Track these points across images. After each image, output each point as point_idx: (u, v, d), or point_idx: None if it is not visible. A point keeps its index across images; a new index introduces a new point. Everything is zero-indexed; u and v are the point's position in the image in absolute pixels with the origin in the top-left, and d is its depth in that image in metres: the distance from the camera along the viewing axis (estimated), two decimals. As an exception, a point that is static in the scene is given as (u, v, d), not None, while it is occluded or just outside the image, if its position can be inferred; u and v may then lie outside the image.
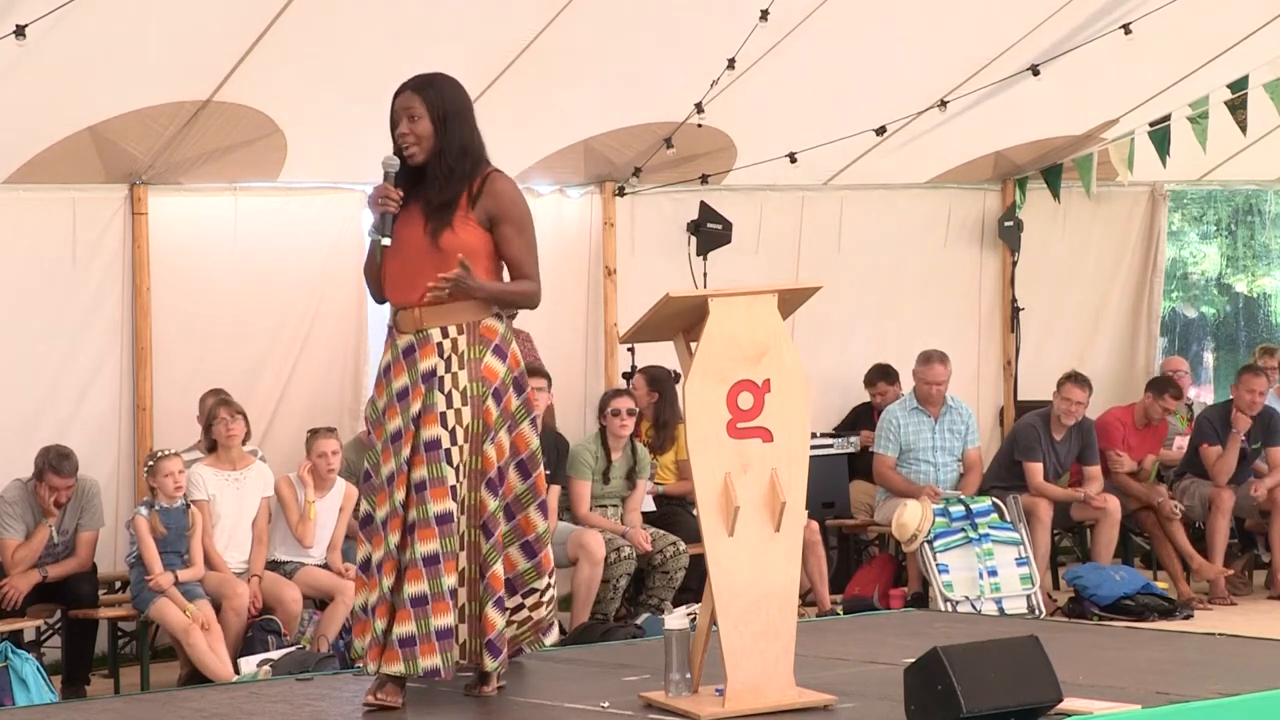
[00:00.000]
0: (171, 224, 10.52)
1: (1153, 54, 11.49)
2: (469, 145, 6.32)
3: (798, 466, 6.18)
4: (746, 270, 11.81)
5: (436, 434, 6.22)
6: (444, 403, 6.23)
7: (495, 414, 6.30)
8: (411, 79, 6.38)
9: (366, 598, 6.36)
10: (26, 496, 9.61)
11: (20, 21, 8.43)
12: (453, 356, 6.26)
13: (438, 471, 6.21)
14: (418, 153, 6.29)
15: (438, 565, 6.18)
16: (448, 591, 6.19)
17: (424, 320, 6.29)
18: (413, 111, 6.28)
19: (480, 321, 6.33)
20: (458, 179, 6.28)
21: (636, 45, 10.49)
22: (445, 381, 6.24)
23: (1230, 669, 6.80)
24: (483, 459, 6.28)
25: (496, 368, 6.33)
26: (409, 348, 6.30)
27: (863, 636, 7.96)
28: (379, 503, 6.32)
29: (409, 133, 6.28)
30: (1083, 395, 11.74)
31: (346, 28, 9.61)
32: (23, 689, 8.91)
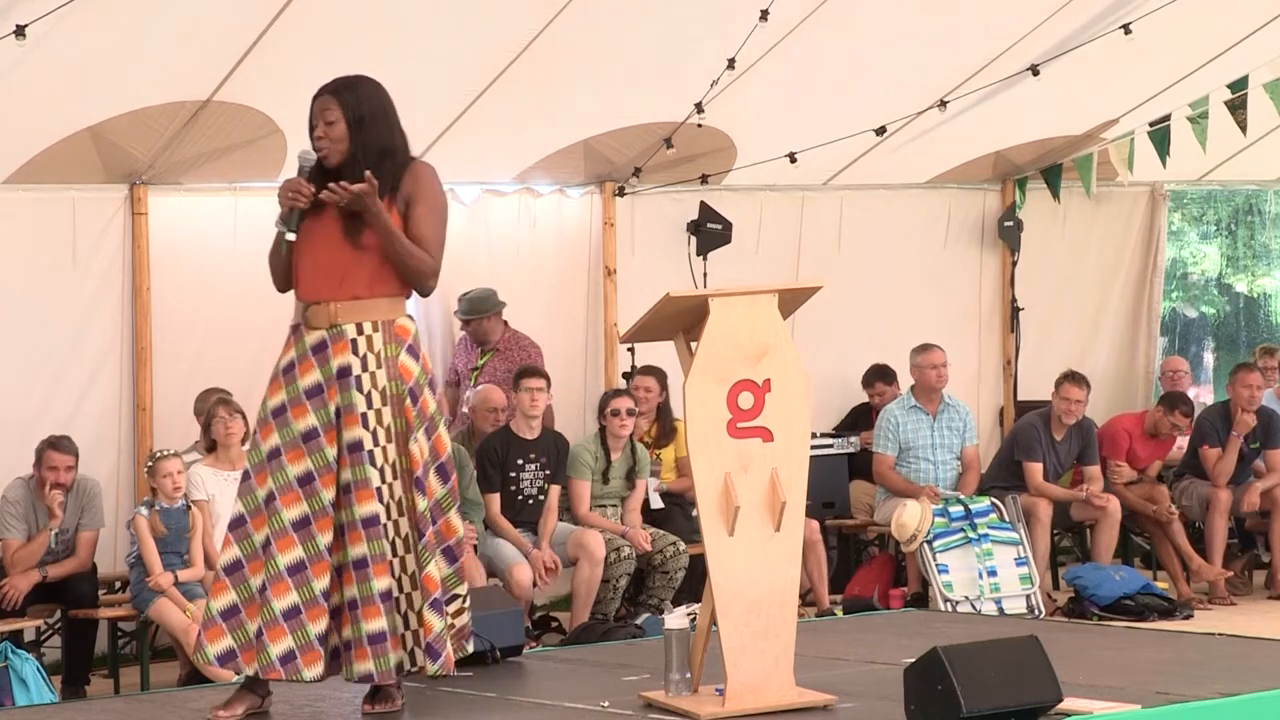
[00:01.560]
0: (171, 224, 10.52)
1: (1153, 54, 11.49)
2: (389, 147, 6.27)
3: (798, 466, 6.18)
4: (746, 270, 11.81)
5: (358, 435, 6.13)
6: (364, 403, 6.14)
7: (414, 413, 6.21)
8: (329, 82, 6.34)
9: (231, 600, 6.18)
10: (28, 496, 9.61)
11: (20, 21, 8.43)
12: (369, 355, 6.18)
13: (362, 474, 6.12)
14: (332, 155, 6.24)
15: (367, 569, 6.10)
16: (378, 595, 6.10)
17: (339, 315, 6.20)
18: (328, 115, 6.24)
19: (394, 320, 6.24)
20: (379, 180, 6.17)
21: (636, 45, 10.49)
22: (364, 381, 6.16)
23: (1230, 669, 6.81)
24: (409, 458, 6.19)
25: (411, 367, 6.23)
26: (320, 344, 6.22)
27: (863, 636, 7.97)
28: (285, 504, 6.15)
29: (324, 136, 6.23)
30: (1081, 394, 11.73)
31: (347, 28, 9.60)
32: (23, 689, 8.91)
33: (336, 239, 6.20)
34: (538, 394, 10.57)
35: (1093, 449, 11.89)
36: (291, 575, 6.12)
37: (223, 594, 6.20)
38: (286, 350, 6.33)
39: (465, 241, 11.40)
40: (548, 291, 11.77)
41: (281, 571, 6.13)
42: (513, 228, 11.63)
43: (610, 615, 10.41)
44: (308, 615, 6.13)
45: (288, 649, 6.14)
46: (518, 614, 7.79)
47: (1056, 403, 11.78)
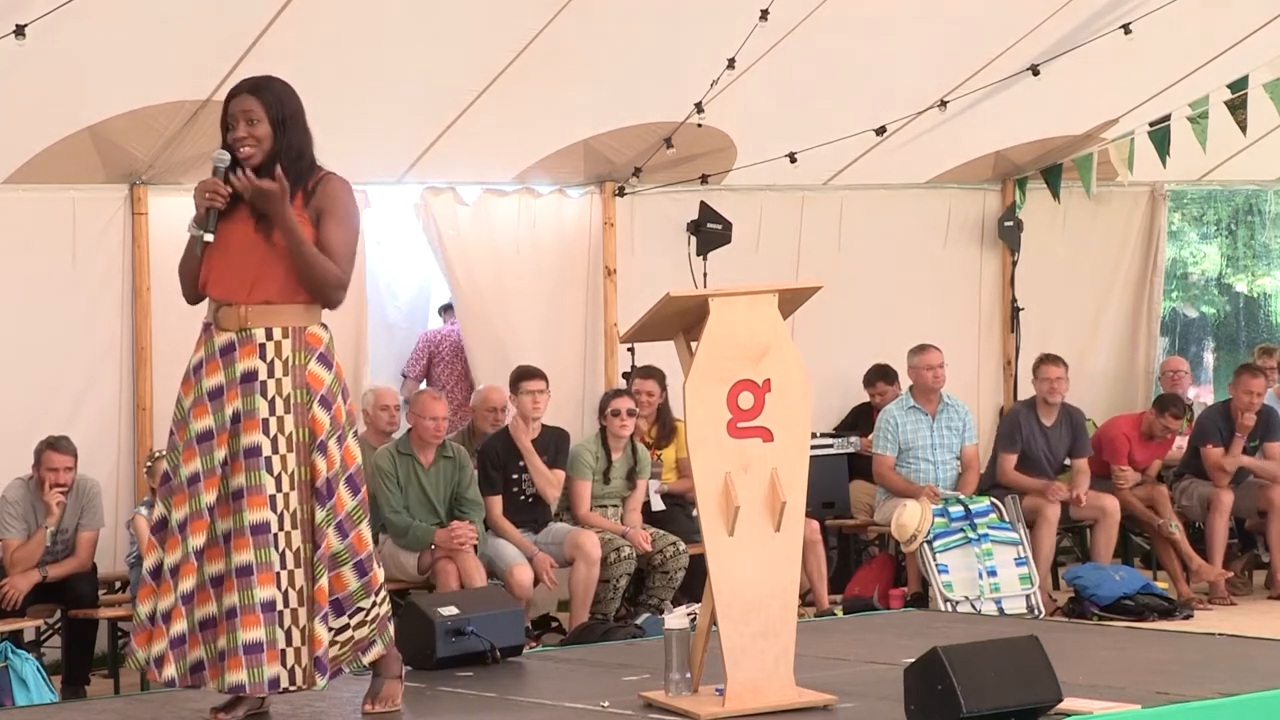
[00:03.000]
0: (171, 224, 10.49)
1: (1153, 54, 11.49)
2: (304, 148, 6.22)
3: (798, 466, 6.18)
4: (746, 270, 11.80)
5: (257, 441, 6.00)
6: (266, 409, 6.02)
7: (325, 423, 6.08)
8: (244, 81, 6.29)
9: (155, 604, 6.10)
10: (28, 495, 9.61)
11: (20, 21, 8.43)
12: (276, 361, 6.07)
13: (256, 480, 5.98)
14: (256, 154, 6.16)
15: (250, 577, 5.97)
16: (259, 604, 5.96)
17: (248, 319, 6.07)
18: (252, 115, 6.17)
19: (306, 328, 6.14)
20: (291, 181, 6.13)
21: (636, 45, 10.49)
22: (268, 387, 6.04)
23: (1230, 669, 6.81)
24: (311, 469, 6.07)
25: (322, 375, 6.13)
26: (228, 345, 6.10)
27: (863, 636, 7.97)
28: (175, 505, 6.10)
29: (248, 135, 6.16)
30: (1060, 371, 11.81)
31: (346, 27, 9.60)
32: (23, 689, 8.91)
33: (251, 241, 6.11)
34: (539, 396, 10.57)
35: (1083, 440, 11.92)
36: (172, 576, 6.06)
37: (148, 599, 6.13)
38: (197, 349, 6.19)
39: (466, 242, 11.42)
40: (548, 291, 11.76)
41: (166, 573, 6.07)
42: (513, 228, 11.63)
43: (610, 615, 10.41)
44: (173, 616, 6.04)
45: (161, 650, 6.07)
46: (518, 614, 7.79)
47: (1038, 386, 11.86)
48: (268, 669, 5.97)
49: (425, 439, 10.22)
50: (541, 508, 10.62)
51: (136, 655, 6.17)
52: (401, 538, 10.12)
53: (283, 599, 6.00)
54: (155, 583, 6.11)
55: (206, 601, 6.05)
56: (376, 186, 11.15)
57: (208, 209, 6.15)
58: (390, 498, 10.10)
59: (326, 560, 6.04)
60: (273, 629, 5.98)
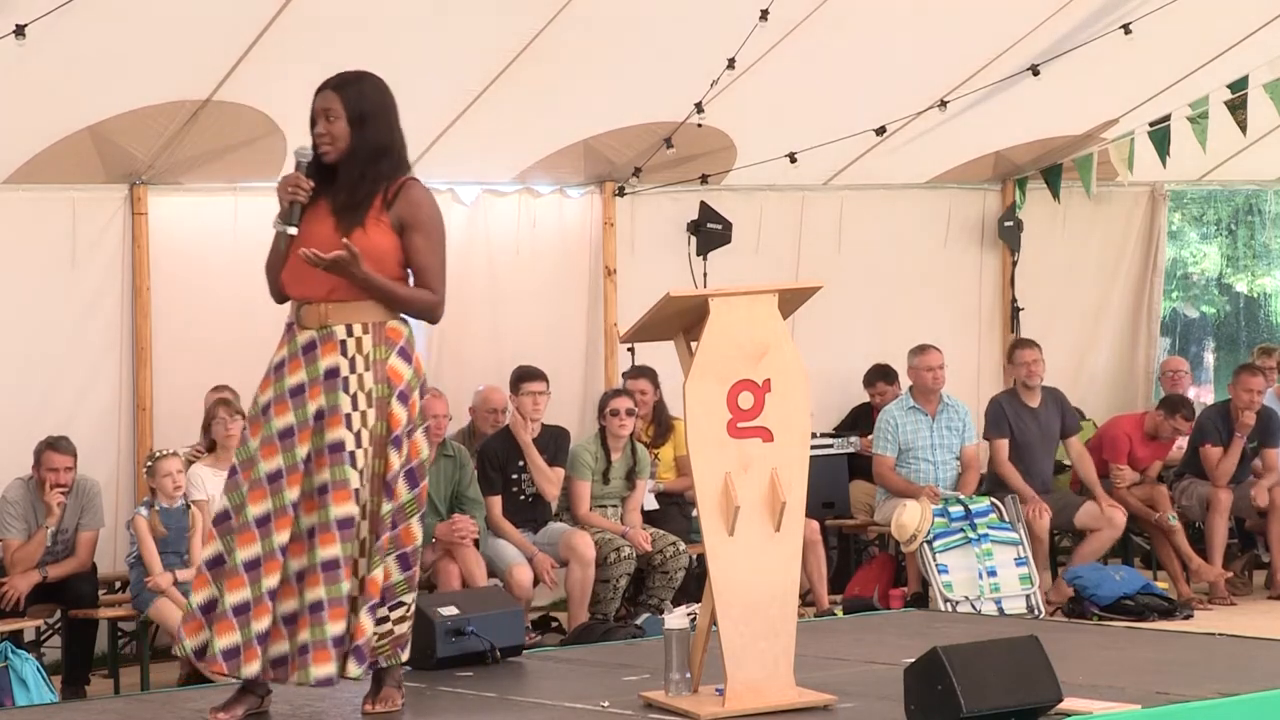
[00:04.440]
0: (171, 224, 10.52)
1: (1153, 54, 11.49)
2: (387, 147, 6.21)
3: (798, 466, 6.18)
4: (746, 270, 11.80)
5: (340, 436, 6.04)
6: (349, 404, 6.05)
7: (403, 418, 6.13)
8: (333, 77, 6.27)
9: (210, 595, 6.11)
10: (28, 496, 9.61)
11: (20, 21, 8.44)
12: (357, 356, 6.10)
13: (341, 475, 6.03)
14: (331, 151, 6.17)
15: (337, 571, 6.02)
16: (344, 598, 6.03)
17: (329, 316, 6.13)
18: (331, 111, 6.17)
19: (385, 323, 6.16)
20: (370, 181, 6.15)
21: (636, 45, 10.49)
22: (350, 383, 6.07)
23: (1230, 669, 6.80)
24: (385, 463, 6.12)
25: (402, 370, 6.15)
26: (310, 344, 6.14)
27: (863, 636, 7.96)
28: (251, 500, 6.09)
29: (325, 132, 6.17)
30: (1034, 354, 11.83)
31: (346, 27, 9.60)
32: (23, 689, 8.91)
33: (329, 240, 6.10)
34: (539, 397, 10.58)
35: (1071, 416, 11.99)
36: (247, 571, 6.06)
37: (203, 589, 6.14)
38: (280, 348, 6.25)
39: (465, 241, 11.41)
40: (548, 291, 11.76)
41: (238, 566, 6.07)
42: (513, 228, 11.63)
43: (610, 615, 10.41)
44: (254, 612, 6.07)
45: (233, 644, 6.08)
46: (518, 614, 7.78)
47: (1015, 372, 11.94)
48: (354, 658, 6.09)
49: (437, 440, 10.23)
50: (541, 507, 10.62)
51: (184, 644, 6.21)
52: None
53: (354, 588, 6.10)
54: (211, 573, 6.11)
55: (290, 596, 6.10)
56: (376, 186, 11.14)
57: (291, 203, 6.19)
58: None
59: (383, 552, 6.12)
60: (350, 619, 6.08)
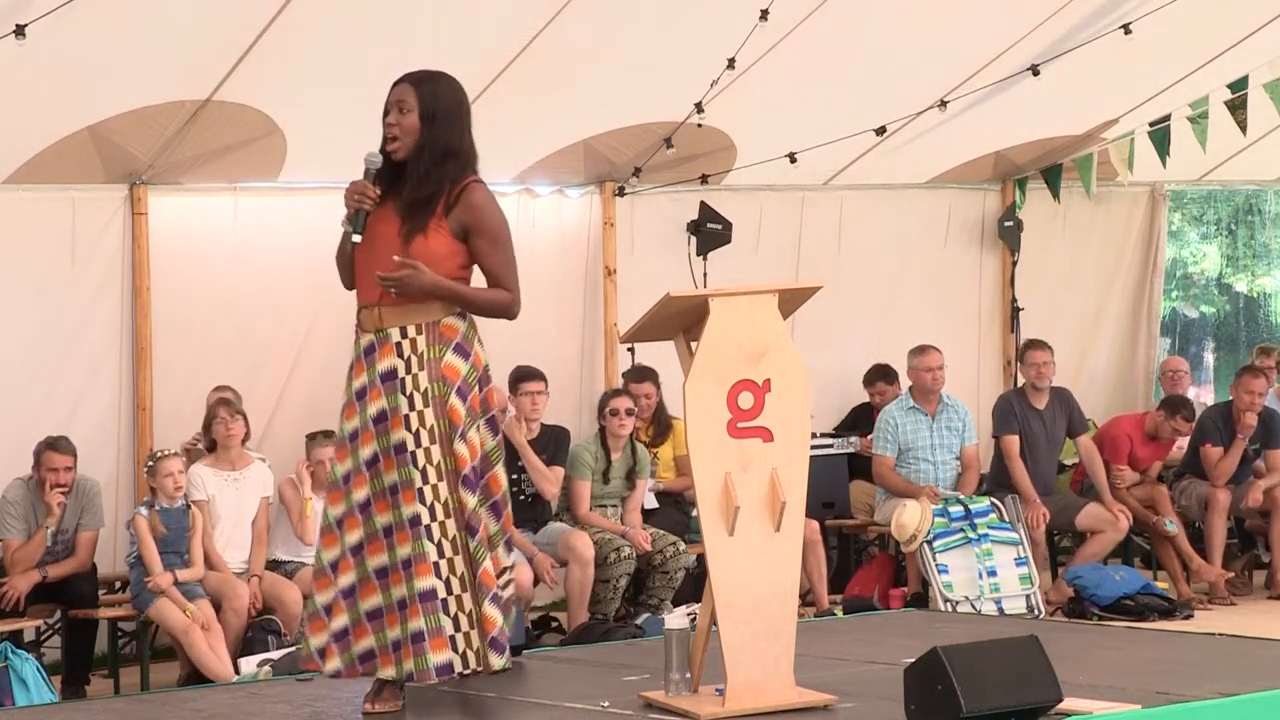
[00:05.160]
0: (171, 224, 10.52)
1: (1153, 54, 11.49)
2: (455, 148, 6.23)
3: (798, 466, 6.18)
4: (746, 270, 11.81)
5: (402, 437, 6.13)
6: (406, 405, 6.14)
7: (463, 412, 6.18)
8: (412, 72, 6.31)
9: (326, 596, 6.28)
10: (28, 496, 9.61)
11: (20, 21, 8.43)
12: (412, 357, 6.17)
13: (407, 475, 6.12)
14: (400, 146, 6.22)
15: (411, 569, 6.11)
16: (419, 594, 6.10)
17: (384, 320, 6.20)
18: (404, 104, 6.21)
19: (440, 321, 6.22)
20: (434, 181, 6.19)
21: (636, 45, 10.49)
22: (406, 383, 6.15)
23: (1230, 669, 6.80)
24: (455, 458, 6.18)
25: (458, 366, 6.21)
26: (369, 347, 6.23)
27: (863, 636, 7.96)
28: (331, 502, 6.26)
29: (396, 124, 6.21)
30: (1045, 355, 11.85)
31: (346, 27, 9.61)
32: (23, 689, 8.91)
33: (391, 242, 6.18)
34: (538, 397, 10.59)
35: (1079, 416, 11.99)
36: (332, 571, 6.23)
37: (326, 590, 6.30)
38: (353, 351, 6.35)
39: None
40: (547, 291, 11.75)
41: (325, 568, 6.25)
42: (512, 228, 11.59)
43: (610, 615, 10.41)
44: (333, 612, 6.22)
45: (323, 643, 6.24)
46: (518, 614, 7.78)
47: (1025, 372, 11.96)
48: (433, 656, 6.11)
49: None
50: (541, 507, 10.62)
51: (308, 642, 6.33)
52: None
53: (444, 587, 6.13)
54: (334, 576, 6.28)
55: (373, 593, 6.19)
56: (376, 186, 11.15)
57: (356, 210, 6.22)
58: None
59: (486, 543, 6.19)
60: (435, 617, 6.11)
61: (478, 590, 6.19)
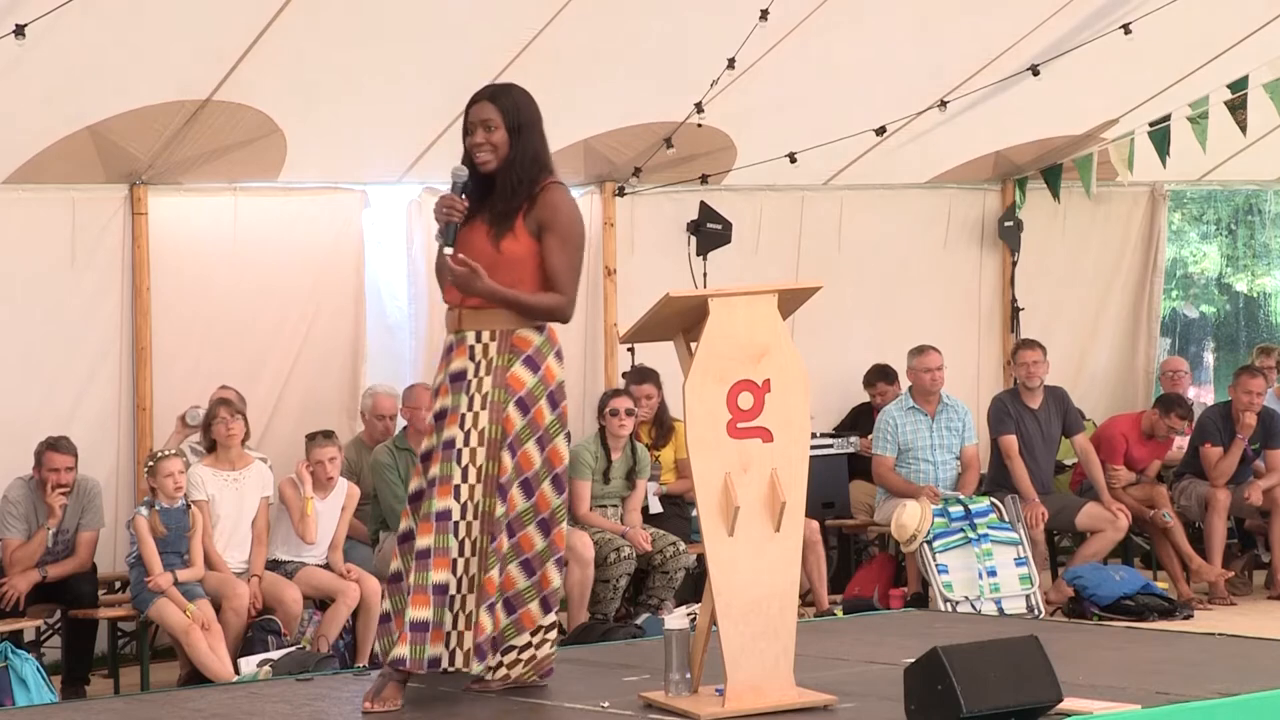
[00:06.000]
0: (171, 224, 10.52)
1: (1153, 54, 11.49)
2: (539, 156, 6.42)
3: (798, 466, 6.18)
4: (746, 270, 11.81)
5: (453, 435, 6.28)
6: (465, 405, 6.29)
7: (519, 423, 6.30)
8: (486, 88, 6.51)
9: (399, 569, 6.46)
10: (29, 496, 9.61)
11: (20, 21, 8.44)
12: (482, 361, 6.33)
13: (446, 470, 6.26)
14: (491, 161, 6.38)
15: (427, 560, 6.23)
16: (431, 586, 6.21)
17: (462, 322, 6.38)
18: (490, 121, 6.39)
19: (514, 331, 6.36)
20: (525, 188, 6.36)
21: (636, 45, 10.49)
22: (471, 385, 6.31)
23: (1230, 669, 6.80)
24: (499, 466, 6.29)
25: (524, 377, 6.34)
26: (449, 347, 6.43)
27: (863, 636, 7.96)
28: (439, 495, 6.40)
29: (485, 142, 6.38)
30: (1036, 354, 11.86)
31: (346, 27, 9.61)
32: (23, 689, 8.91)
33: (481, 248, 6.33)
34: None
35: (1074, 415, 12.00)
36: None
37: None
38: None
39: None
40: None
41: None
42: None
43: (610, 615, 10.41)
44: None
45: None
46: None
47: (1016, 371, 11.99)
48: (429, 648, 6.23)
49: (422, 430, 10.23)
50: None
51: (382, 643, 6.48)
52: (404, 533, 10.13)
53: (455, 584, 6.25)
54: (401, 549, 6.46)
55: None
56: (376, 186, 11.16)
57: (447, 223, 6.35)
58: (394, 487, 10.13)
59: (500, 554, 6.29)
60: (441, 611, 6.24)
61: (478, 595, 6.27)
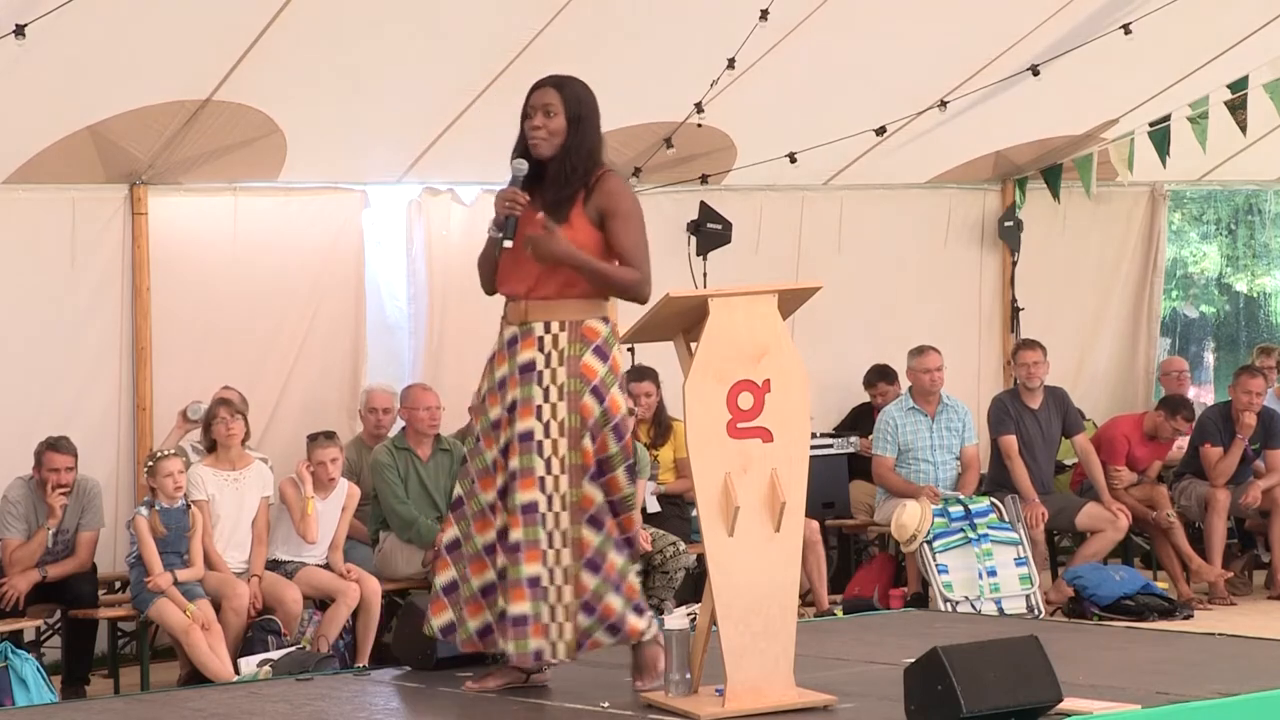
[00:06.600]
0: (171, 224, 10.52)
1: (1153, 54, 11.49)
2: (594, 148, 6.49)
3: (798, 466, 6.18)
4: (746, 270, 11.80)
5: (530, 426, 6.33)
6: (541, 396, 6.35)
7: (596, 411, 6.35)
8: (549, 77, 6.56)
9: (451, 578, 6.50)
10: (29, 495, 9.61)
11: (20, 21, 8.43)
12: (553, 352, 6.38)
13: (528, 463, 6.32)
14: (546, 148, 6.43)
15: (518, 553, 6.30)
16: (525, 580, 6.28)
17: (529, 314, 6.42)
18: (550, 107, 6.46)
19: (583, 321, 6.41)
20: (578, 178, 6.41)
21: (636, 45, 10.48)
22: (544, 376, 6.36)
23: (1230, 669, 6.80)
24: (582, 454, 6.35)
25: (596, 366, 6.38)
26: (513, 339, 6.45)
27: (863, 636, 7.96)
28: (482, 488, 6.44)
29: (542, 126, 6.44)
30: (1036, 355, 11.86)
31: (346, 27, 9.60)
32: (23, 689, 8.91)
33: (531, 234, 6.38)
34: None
35: (1074, 415, 12.00)
36: (488, 555, 6.42)
37: (444, 571, 6.54)
38: (495, 342, 6.54)
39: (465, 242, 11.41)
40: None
41: (479, 552, 6.44)
42: (512, 228, 11.60)
43: (610, 615, 10.39)
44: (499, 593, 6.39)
45: (484, 624, 6.46)
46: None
47: (1017, 371, 11.99)
48: (532, 641, 6.33)
49: (421, 430, 10.28)
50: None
51: (430, 623, 6.58)
52: (406, 531, 10.13)
53: (548, 576, 6.32)
54: (450, 556, 6.54)
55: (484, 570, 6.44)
56: (376, 186, 11.15)
57: (507, 217, 6.38)
58: (394, 488, 10.13)
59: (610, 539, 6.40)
60: (538, 604, 6.32)
61: (602, 582, 6.37)
